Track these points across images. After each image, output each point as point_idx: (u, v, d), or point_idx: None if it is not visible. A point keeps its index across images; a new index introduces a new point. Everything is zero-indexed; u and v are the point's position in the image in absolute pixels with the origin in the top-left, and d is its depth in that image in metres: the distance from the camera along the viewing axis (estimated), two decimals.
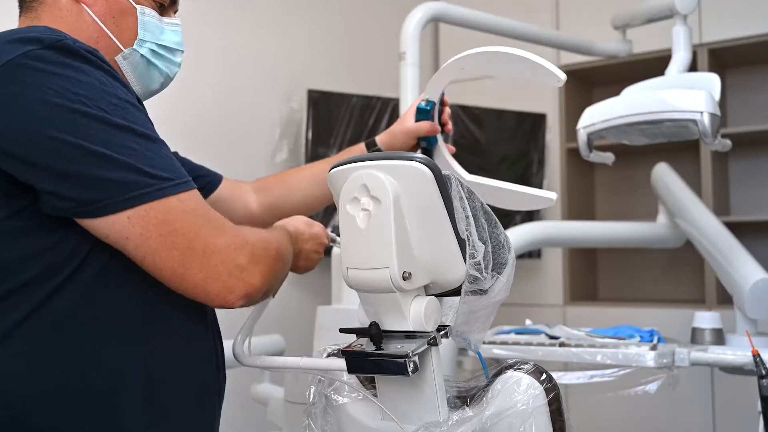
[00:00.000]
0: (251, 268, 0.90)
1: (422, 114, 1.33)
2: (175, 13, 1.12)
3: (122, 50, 1.03)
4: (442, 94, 1.36)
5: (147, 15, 1.05)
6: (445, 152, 1.36)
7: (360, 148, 1.40)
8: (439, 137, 1.37)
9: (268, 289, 0.95)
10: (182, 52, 1.11)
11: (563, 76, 1.05)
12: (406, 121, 1.36)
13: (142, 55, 1.05)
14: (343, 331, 0.95)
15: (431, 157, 1.35)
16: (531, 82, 1.09)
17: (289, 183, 1.38)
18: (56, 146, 0.82)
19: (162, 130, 1.01)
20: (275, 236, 1.00)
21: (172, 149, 1.01)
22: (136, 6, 1.04)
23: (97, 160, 0.83)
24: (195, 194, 0.90)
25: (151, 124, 0.92)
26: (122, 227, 0.85)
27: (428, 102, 1.33)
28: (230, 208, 1.35)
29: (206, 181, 1.33)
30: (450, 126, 1.41)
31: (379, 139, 1.39)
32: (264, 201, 1.37)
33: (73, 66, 0.86)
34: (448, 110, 1.40)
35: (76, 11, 1.00)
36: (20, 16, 1.03)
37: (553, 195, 1.09)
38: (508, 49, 1.10)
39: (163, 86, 1.12)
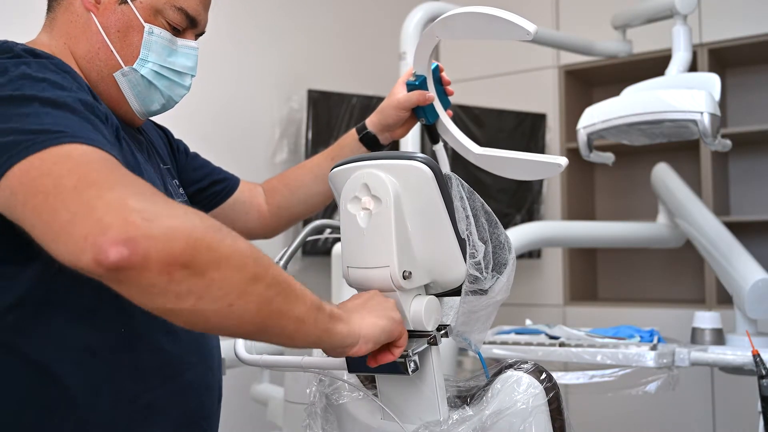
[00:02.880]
0: (149, 213, 0.64)
1: (412, 89, 1.29)
2: (197, 36, 1.08)
3: (122, 67, 1.00)
4: (437, 68, 1.32)
5: (155, 35, 1.01)
6: (450, 126, 1.29)
7: (351, 134, 1.33)
8: (441, 111, 1.30)
9: (183, 266, 0.64)
10: (193, 75, 1.07)
11: (532, 28, 1.03)
12: (396, 95, 1.28)
13: (142, 75, 1.01)
14: None
15: (434, 134, 1.32)
16: (501, 40, 1.06)
17: (290, 182, 1.37)
18: None
19: None
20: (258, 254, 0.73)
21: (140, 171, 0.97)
22: (145, 24, 1.00)
23: None
24: (93, 150, 0.72)
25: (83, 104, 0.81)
26: (5, 187, 0.71)
27: (417, 76, 1.27)
28: (247, 210, 1.34)
29: (225, 184, 1.31)
30: (451, 89, 1.32)
31: (369, 121, 1.32)
32: (272, 202, 1.36)
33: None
34: (445, 76, 1.31)
35: (85, 18, 1.00)
36: (46, 14, 1.04)
37: (563, 160, 1.07)
38: (474, 8, 1.08)
39: (164, 108, 1.07)
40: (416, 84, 1.27)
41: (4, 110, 0.76)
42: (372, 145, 1.31)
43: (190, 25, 1.06)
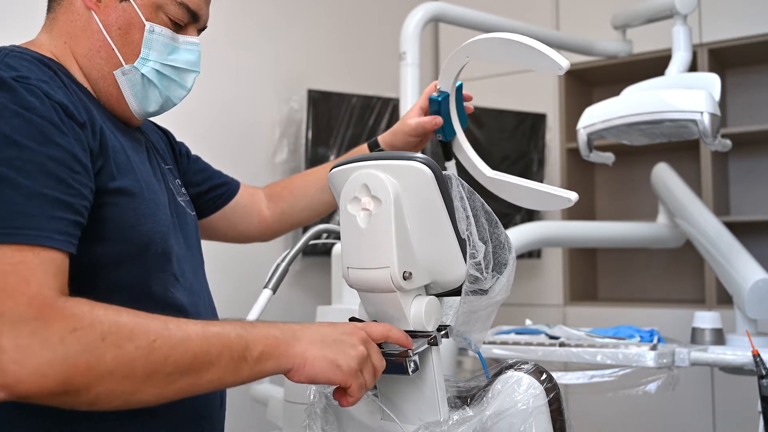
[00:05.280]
0: (19, 353, 0.69)
1: (433, 105, 1.29)
2: (200, 32, 1.08)
3: (123, 65, 0.99)
4: (460, 86, 1.32)
5: (156, 33, 1.00)
6: (465, 145, 1.30)
7: (362, 149, 1.36)
8: (458, 129, 1.31)
9: (75, 392, 0.72)
10: (196, 73, 1.06)
11: (565, 64, 1.04)
12: (407, 119, 1.31)
13: (143, 74, 1.00)
14: (352, 320, 0.95)
15: (449, 151, 1.32)
16: (533, 70, 1.08)
17: (295, 190, 1.37)
18: None
19: None
20: (156, 322, 0.78)
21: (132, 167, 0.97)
22: (146, 23, 0.99)
23: None
24: (5, 250, 0.74)
25: (32, 163, 0.79)
26: None
27: (440, 92, 1.30)
28: (247, 214, 1.34)
29: (225, 189, 1.31)
30: (470, 106, 1.34)
31: (382, 138, 1.35)
32: (275, 208, 1.36)
33: None
34: (468, 93, 1.33)
35: (86, 16, 0.99)
36: (46, 14, 1.03)
37: (572, 195, 1.08)
38: (512, 35, 1.09)
39: (162, 109, 1.06)
40: (438, 100, 1.29)
41: None
42: None
43: (191, 20, 1.05)
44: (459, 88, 1.31)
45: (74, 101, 0.89)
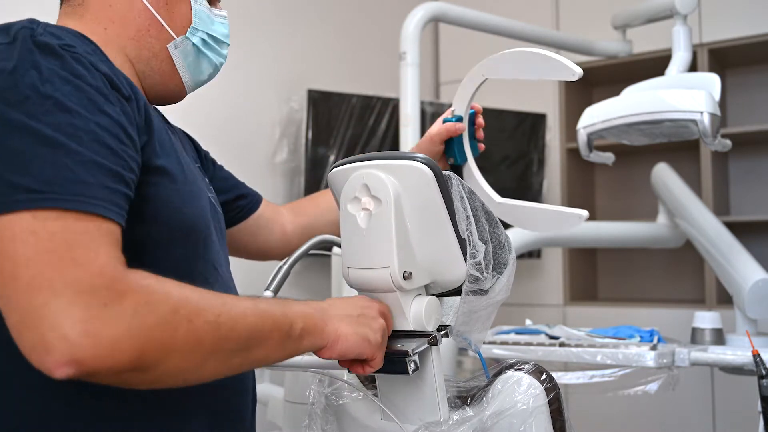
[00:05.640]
0: (93, 325, 0.64)
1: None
2: (219, 2, 1.11)
3: (174, 38, 1.01)
4: (474, 113, 1.36)
5: (200, 3, 1.03)
6: (475, 172, 1.33)
7: None
8: (470, 156, 1.35)
9: (147, 368, 0.68)
10: (228, 44, 1.09)
11: (578, 71, 1.06)
12: (431, 129, 1.35)
13: (193, 44, 1.03)
14: None
15: (461, 175, 1.34)
16: (546, 80, 1.10)
17: (321, 204, 1.37)
18: None
19: None
20: (215, 297, 0.76)
21: (174, 149, 0.96)
22: None
23: None
24: (68, 217, 0.69)
25: (86, 131, 0.75)
26: None
27: (454, 115, 1.33)
28: (270, 228, 1.32)
29: (249, 200, 1.30)
30: (481, 133, 1.38)
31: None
32: (297, 221, 1.36)
33: (3, 53, 0.77)
34: (480, 121, 1.37)
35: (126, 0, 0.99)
36: (61, 4, 1.01)
37: (583, 213, 1.09)
38: (527, 48, 1.11)
39: (210, 77, 1.10)
40: (452, 121, 1.32)
41: None
42: None
43: None
44: (472, 115, 1.34)
45: (118, 75, 0.87)
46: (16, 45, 0.78)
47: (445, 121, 1.33)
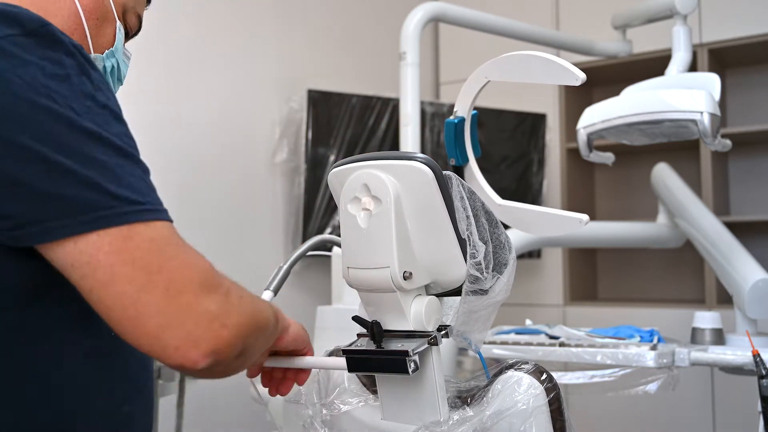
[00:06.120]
0: (223, 317, 0.72)
1: (449, 128, 1.33)
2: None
3: (91, 52, 0.98)
4: (475, 115, 1.36)
5: (120, 34, 1.02)
6: (476, 173, 1.33)
7: None
8: (471, 157, 1.35)
9: (242, 353, 0.75)
10: (120, 86, 1.07)
11: (582, 75, 1.06)
12: None
13: (104, 67, 1.00)
14: (355, 319, 0.95)
15: (462, 176, 1.34)
16: (549, 83, 1.10)
17: None
18: (6, 147, 0.69)
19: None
20: (257, 298, 0.84)
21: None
22: (117, 21, 1.01)
23: (50, 169, 0.70)
24: (169, 226, 0.75)
25: (134, 141, 0.79)
26: (67, 253, 0.70)
27: (457, 117, 1.33)
28: None
29: None
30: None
31: None
32: None
33: (52, 57, 0.74)
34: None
35: None
36: None
37: (584, 217, 1.09)
38: (531, 52, 1.11)
39: None
40: (454, 122, 1.31)
41: (75, 142, 0.71)
42: None
43: (133, 35, 1.06)
44: (474, 116, 1.34)
45: None
46: (42, 41, 0.75)
47: (447, 122, 1.33)
